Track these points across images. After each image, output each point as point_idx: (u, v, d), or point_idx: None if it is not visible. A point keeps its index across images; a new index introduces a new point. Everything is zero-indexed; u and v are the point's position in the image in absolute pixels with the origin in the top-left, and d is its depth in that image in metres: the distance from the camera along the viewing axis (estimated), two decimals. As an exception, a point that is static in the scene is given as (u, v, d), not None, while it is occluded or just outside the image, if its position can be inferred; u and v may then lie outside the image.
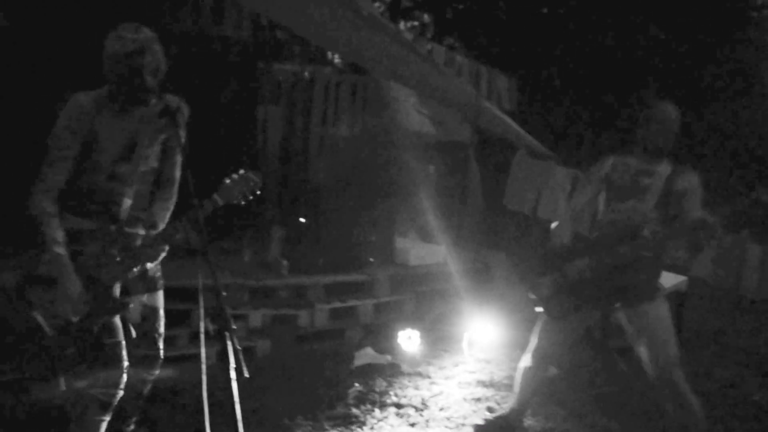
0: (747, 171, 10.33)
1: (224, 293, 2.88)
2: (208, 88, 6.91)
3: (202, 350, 3.13)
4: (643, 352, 4.36)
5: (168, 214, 3.92)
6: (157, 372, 4.03)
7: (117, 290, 3.70)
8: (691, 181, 4.40)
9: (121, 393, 3.70)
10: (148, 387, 4.06)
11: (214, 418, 3.08)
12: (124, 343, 3.70)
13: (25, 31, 6.24)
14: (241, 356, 2.81)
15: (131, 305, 3.76)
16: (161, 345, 4.00)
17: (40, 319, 3.48)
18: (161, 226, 3.86)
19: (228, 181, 3.75)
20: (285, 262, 6.92)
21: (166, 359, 4.09)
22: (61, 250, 3.45)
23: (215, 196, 3.71)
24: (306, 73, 8.67)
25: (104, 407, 3.67)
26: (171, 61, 3.65)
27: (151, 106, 3.67)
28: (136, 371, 3.86)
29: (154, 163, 3.81)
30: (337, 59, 9.43)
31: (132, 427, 4.14)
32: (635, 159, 4.50)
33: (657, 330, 4.31)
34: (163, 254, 3.77)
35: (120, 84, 3.53)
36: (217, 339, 2.83)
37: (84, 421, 3.65)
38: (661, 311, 4.37)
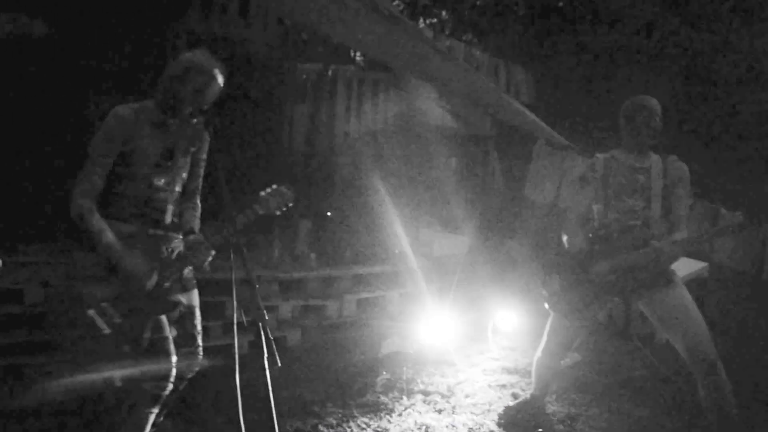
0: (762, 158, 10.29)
1: (257, 285, 3.00)
2: (235, 89, 7.05)
3: (235, 340, 3.16)
4: (672, 337, 4.36)
5: (198, 220, 4.09)
6: (197, 369, 4.14)
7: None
8: (680, 170, 4.47)
9: (170, 386, 3.83)
10: (185, 384, 4.16)
11: (247, 406, 3.18)
12: (171, 338, 3.85)
13: (62, 37, 6.39)
14: (273, 346, 2.92)
15: (182, 303, 3.91)
16: (200, 341, 4.12)
17: (95, 316, 3.58)
18: (197, 230, 4.02)
19: (264, 193, 3.87)
20: (313, 255, 7.06)
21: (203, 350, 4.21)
22: (111, 237, 3.60)
23: (255, 206, 3.84)
24: (329, 72, 8.78)
25: (155, 400, 3.81)
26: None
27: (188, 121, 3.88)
28: (178, 368, 3.96)
29: (185, 173, 4.00)
30: (359, 57, 9.53)
31: (161, 418, 4.24)
32: (624, 155, 4.57)
33: (681, 314, 4.31)
34: (210, 258, 3.91)
35: (177, 94, 3.75)
36: (250, 330, 2.95)
37: (135, 415, 3.78)
38: (680, 295, 4.38)
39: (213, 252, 3.90)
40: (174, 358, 3.83)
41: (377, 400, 5.30)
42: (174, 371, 3.82)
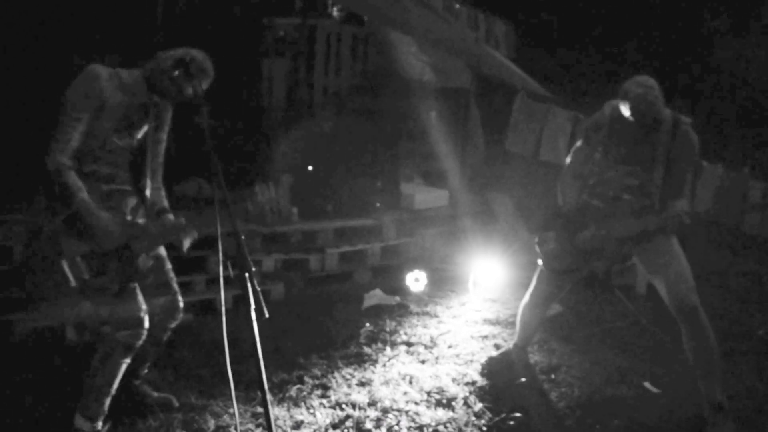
0: (751, 111, 10.33)
1: (242, 237, 3.01)
2: (213, 44, 6.99)
3: (221, 293, 3.23)
4: (659, 284, 4.40)
5: (166, 200, 4.15)
6: (178, 319, 4.18)
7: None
8: (689, 141, 4.37)
9: (144, 337, 3.83)
10: (168, 334, 4.20)
11: (234, 358, 3.21)
12: (139, 289, 3.85)
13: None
14: (260, 297, 2.93)
15: (149, 273, 3.94)
16: (177, 287, 4.14)
17: (65, 268, 3.60)
18: (168, 208, 4.10)
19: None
20: (295, 209, 7.07)
21: (185, 304, 4.23)
22: (84, 195, 3.62)
23: (201, 180, 3.86)
24: (307, 26, 8.72)
25: (127, 350, 3.81)
26: (178, 19, 3.76)
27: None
28: (159, 320, 4.01)
29: (144, 145, 4.03)
30: (336, 12, 9.45)
31: (146, 371, 4.31)
32: (632, 119, 4.39)
33: (670, 262, 4.35)
34: (193, 240, 3.98)
35: (171, 76, 3.80)
36: (235, 283, 2.95)
37: (107, 363, 3.79)
38: (669, 242, 4.41)
39: (196, 234, 3.97)
40: (144, 307, 3.83)
41: (361, 351, 5.35)
42: (147, 322, 3.83)
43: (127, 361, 3.86)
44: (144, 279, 3.88)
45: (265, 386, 2.92)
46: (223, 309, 3.25)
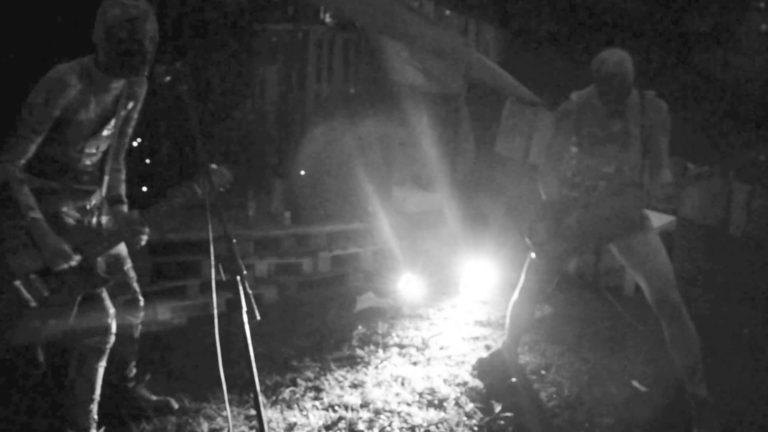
0: (737, 116, 10.40)
1: (234, 240, 3.01)
2: (205, 51, 7.04)
3: (214, 296, 3.15)
4: (641, 280, 4.47)
5: (124, 185, 3.98)
6: (142, 314, 4.14)
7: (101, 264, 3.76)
8: (659, 110, 4.45)
9: (113, 338, 3.77)
10: (138, 330, 4.17)
11: (227, 361, 3.23)
12: (106, 293, 3.76)
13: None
14: (252, 300, 2.95)
15: (111, 276, 3.80)
16: (137, 287, 4.08)
17: (21, 288, 3.47)
18: (125, 197, 3.94)
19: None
20: (287, 213, 7.12)
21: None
22: (37, 214, 3.45)
23: (195, 186, 3.68)
24: (300, 32, 8.78)
25: (100, 354, 3.77)
26: (169, 26, 3.65)
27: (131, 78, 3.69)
28: (122, 318, 3.93)
29: (117, 135, 3.87)
30: (328, 18, 9.51)
31: (134, 371, 4.29)
32: (599, 100, 4.47)
33: (650, 257, 4.42)
34: (146, 236, 3.79)
35: (118, 51, 3.45)
36: (227, 287, 2.97)
37: (83, 371, 3.76)
38: (651, 239, 4.49)
39: (148, 230, 3.78)
40: (112, 311, 3.76)
41: (353, 353, 5.41)
42: (114, 325, 3.77)
43: (103, 364, 3.82)
44: (106, 283, 3.73)
45: (258, 389, 2.94)
46: (215, 312, 3.21)
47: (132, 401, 4.28)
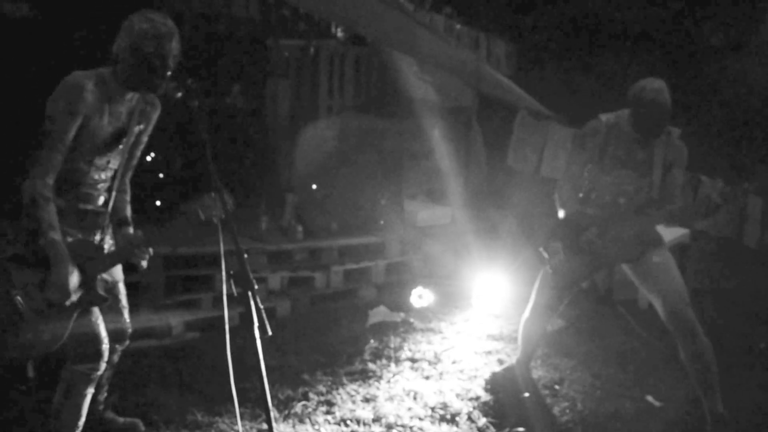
0: (749, 130, 10.35)
1: (246, 255, 3.01)
2: (219, 67, 7.09)
3: (225, 311, 3.17)
4: (654, 299, 4.47)
5: (129, 207, 3.94)
6: (126, 343, 4.06)
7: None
8: (680, 150, 4.51)
9: (104, 366, 3.72)
10: (119, 355, 4.08)
11: (239, 375, 3.24)
12: (101, 320, 3.69)
13: (50, 22, 6.26)
14: (264, 315, 2.94)
15: (108, 295, 3.73)
16: (127, 317, 4.00)
17: (19, 301, 3.41)
18: (130, 219, 3.90)
19: (207, 197, 3.53)
20: (300, 227, 7.14)
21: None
22: (57, 236, 3.39)
23: (199, 210, 3.56)
24: (312, 48, 8.83)
25: (89, 382, 3.70)
26: (183, 42, 3.64)
27: (141, 94, 3.68)
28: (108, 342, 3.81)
29: (126, 153, 3.82)
30: (340, 33, 9.56)
31: (105, 395, 4.19)
32: (629, 127, 4.51)
33: (664, 274, 4.42)
34: (148, 257, 3.76)
35: (140, 65, 3.46)
36: (239, 300, 2.96)
37: (71, 396, 3.68)
38: (664, 257, 4.49)
39: (151, 251, 3.75)
40: (106, 339, 3.69)
41: (366, 367, 5.40)
42: (107, 353, 3.71)
43: (91, 391, 3.75)
44: (104, 302, 3.68)
45: (269, 403, 2.95)
46: (227, 326, 3.23)
47: (100, 424, 4.17)
